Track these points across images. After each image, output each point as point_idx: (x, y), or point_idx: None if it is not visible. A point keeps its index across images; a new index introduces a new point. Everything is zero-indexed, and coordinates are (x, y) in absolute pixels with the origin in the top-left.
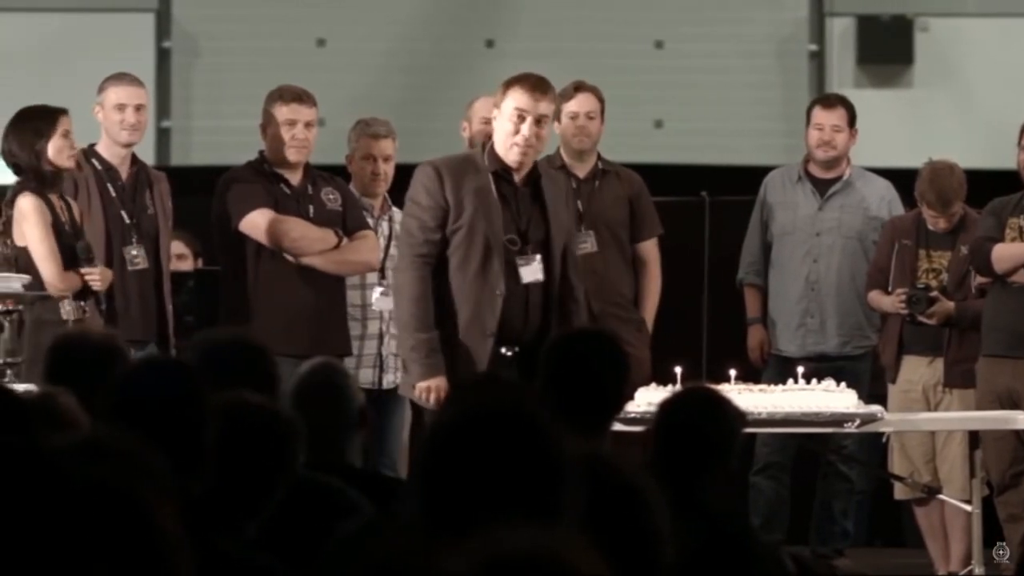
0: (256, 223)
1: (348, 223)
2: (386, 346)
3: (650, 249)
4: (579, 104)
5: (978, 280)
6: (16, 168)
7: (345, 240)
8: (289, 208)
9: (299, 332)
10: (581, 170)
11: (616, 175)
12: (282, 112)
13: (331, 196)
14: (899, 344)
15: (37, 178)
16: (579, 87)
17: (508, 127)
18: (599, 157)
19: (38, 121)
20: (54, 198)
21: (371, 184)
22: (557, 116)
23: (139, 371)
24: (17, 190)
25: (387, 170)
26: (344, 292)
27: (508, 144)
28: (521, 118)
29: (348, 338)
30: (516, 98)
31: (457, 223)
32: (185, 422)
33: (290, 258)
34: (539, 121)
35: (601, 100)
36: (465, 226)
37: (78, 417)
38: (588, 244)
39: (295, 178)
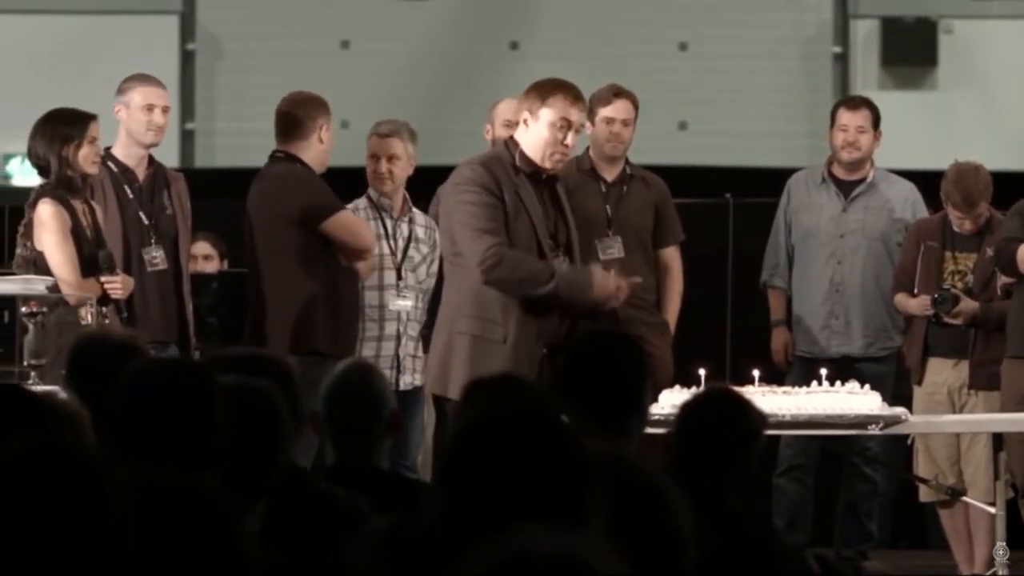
0: (345, 223)
1: None
2: (403, 347)
3: (673, 255)
4: (616, 110)
5: (1003, 280)
6: (42, 170)
7: None
8: None
9: (353, 333)
10: (609, 173)
11: (643, 180)
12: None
13: None
14: (924, 346)
15: (63, 183)
16: (618, 93)
17: (549, 135)
18: (626, 161)
19: (68, 126)
20: (78, 203)
21: (376, 183)
22: (591, 118)
23: (146, 369)
24: (39, 194)
25: (392, 169)
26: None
27: (550, 151)
28: (566, 128)
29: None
30: (560, 108)
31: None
32: (194, 419)
33: (342, 259)
34: (577, 129)
35: (636, 106)
36: (510, 226)
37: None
38: (615, 249)
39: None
